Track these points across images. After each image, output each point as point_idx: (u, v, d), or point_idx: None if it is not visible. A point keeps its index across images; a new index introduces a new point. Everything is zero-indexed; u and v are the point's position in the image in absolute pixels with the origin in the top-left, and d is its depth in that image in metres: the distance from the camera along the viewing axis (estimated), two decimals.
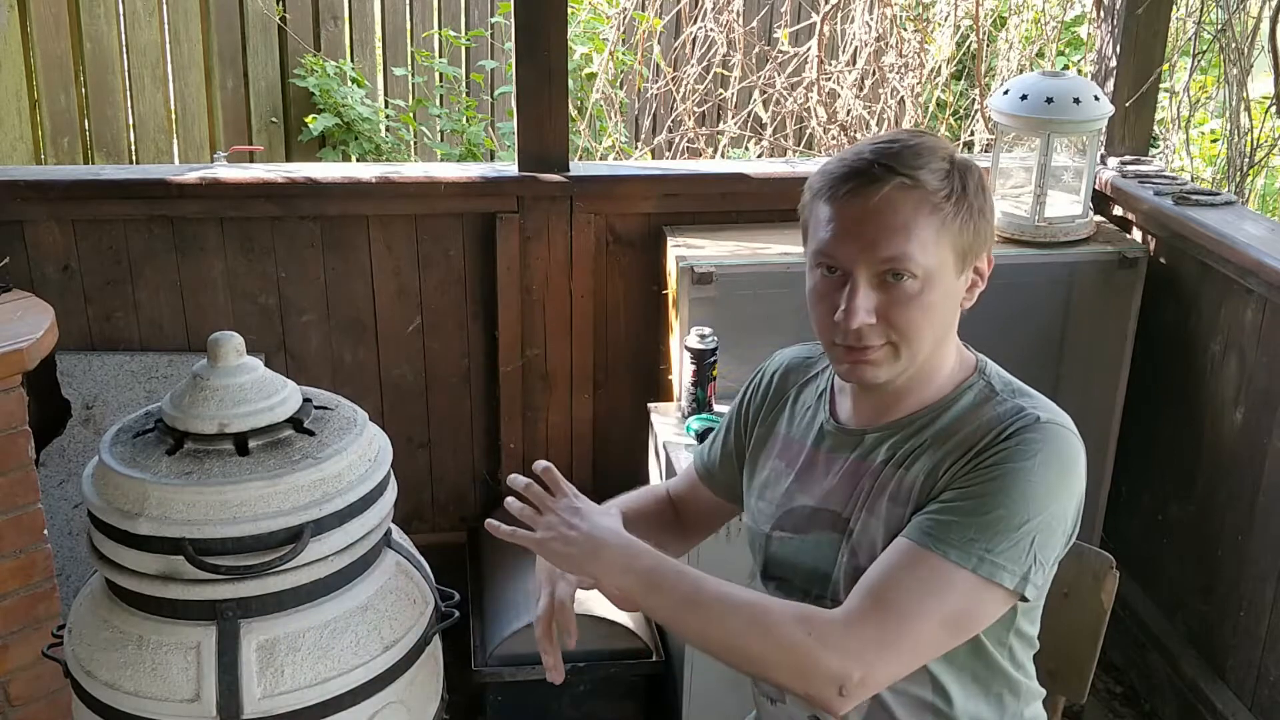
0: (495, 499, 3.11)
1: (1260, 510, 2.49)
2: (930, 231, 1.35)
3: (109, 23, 4.48)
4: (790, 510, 1.53)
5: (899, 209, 1.34)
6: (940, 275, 1.37)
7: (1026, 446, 1.35)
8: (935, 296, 1.37)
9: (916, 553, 1.34)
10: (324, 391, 1.70)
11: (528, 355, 2.98)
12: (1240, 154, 3.77)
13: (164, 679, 1.49)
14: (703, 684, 2.50)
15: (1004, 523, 1.33)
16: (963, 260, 1.39)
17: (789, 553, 1.53)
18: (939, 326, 1.40)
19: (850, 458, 1.49)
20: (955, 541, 1.32)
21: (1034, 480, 1.34)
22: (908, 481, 1.42)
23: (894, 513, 1.41)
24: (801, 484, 1.53)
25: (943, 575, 1.32)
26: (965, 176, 1.38)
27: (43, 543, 2.32)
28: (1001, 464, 1.34)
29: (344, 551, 1.55)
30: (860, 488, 1.46)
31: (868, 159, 1.36)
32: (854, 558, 1.45)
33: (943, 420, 1.43)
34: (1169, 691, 2.78)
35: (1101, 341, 2.89)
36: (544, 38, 2.76)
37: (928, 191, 1.35)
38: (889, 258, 1.35)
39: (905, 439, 1.45)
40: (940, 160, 1.37)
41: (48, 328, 2.29)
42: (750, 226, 2.91)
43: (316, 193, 2.82)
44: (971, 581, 1.32)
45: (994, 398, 1.44)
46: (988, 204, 1.41)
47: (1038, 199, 2.83)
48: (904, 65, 4.15)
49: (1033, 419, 1.38)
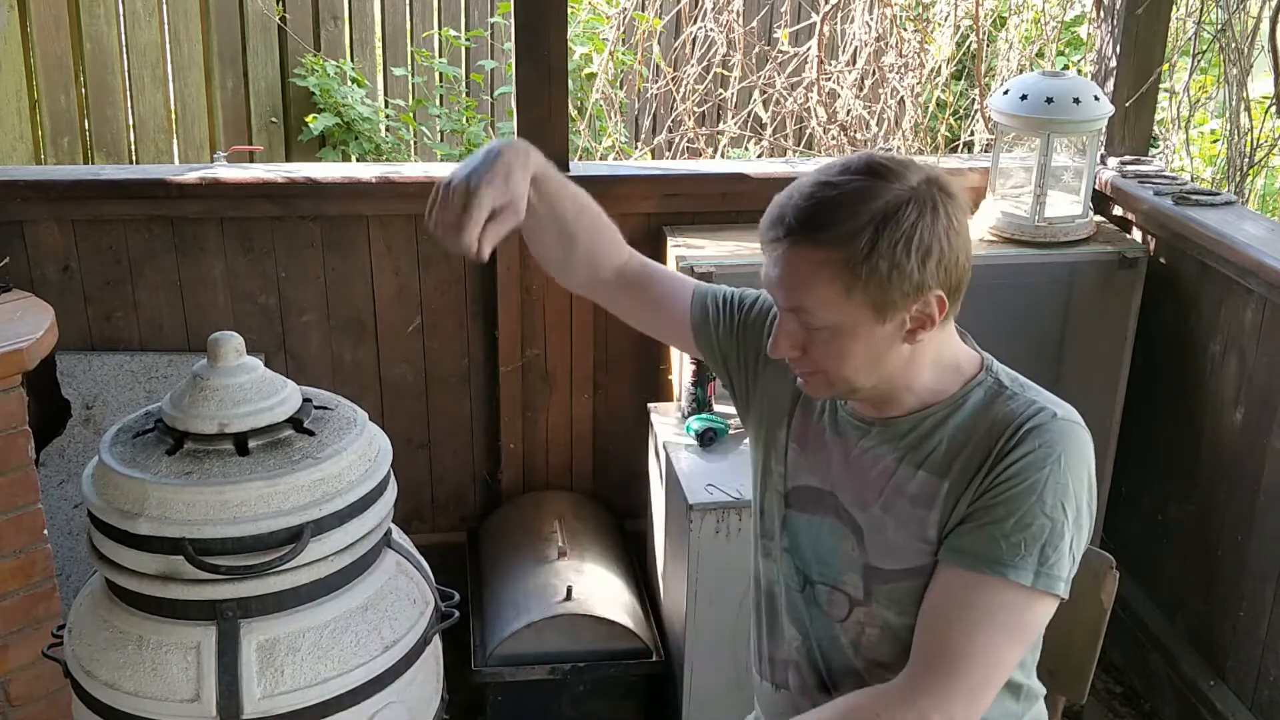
0: (495, 499, 3.11)
1: (1260, 510, 2.49)
2: (832, 290, 1.34)
3: (109, 23, 4.47)
4: (799, 487, 1.55)
5: (798, 268, 1.37)
6: (852, 328, 1.37)
7: (1049, 449, 1.36)
8: (850, 345, 1.38)
9: (972, 578, 1.36)
10: (324, 391, 1.70)
11: (528, 355, 2.98)
12: (1240, 154, 3.77)
13: (164, 679, 1.49)
14: (703, 684, 2.50)
15: (1049, 532, 1.35)
16: (881, 312, 1.35)
17: (799, 529, 1.55)
18: (866, 365, 1.40)
19: (859, 447, 1.49)
20: (1009, 560, 1.34)
21: (1063, 483, 1.36)
22: (929, 484, 1.42)
23: (915, 514, 1.42)
24: (811, 463, 1.54)
25: (1009, 603, 1.35)
26: (883, 230, 1.31)
27: (43, 543, 2.32)
28: (1029, 472, 1.36)
29: (344, 551, 1.55)
30: (869, 482, 1.47)
31: (784, 207, 1.38)
32: (865, 555, 1.46)
33: (956, 419, 1.44)
34: (1169, 691, 2.78)
35: (1101, 341, 2.89)
36: (544, 38, 2.76)
37: (828, 253, 1.33)
38: (791, 310, 1.39)
39: (919, 438, 1.45)
40: (862, 214, 1.32)
41: (48, 328, 2.29)
42: (750, 226, 2.85)
43: (316, 193, 2.82)
44: (1032, 596, 1.35)
45: (1004, 392, 1.44)
46: (914, 255, 1.32)
47: (1038, 199, 2.83)
48: (904, 65, 4.15)
49: (1049, 415, 1.39)
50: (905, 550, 1.43)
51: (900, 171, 1.36)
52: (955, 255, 1.36)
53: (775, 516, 1.58)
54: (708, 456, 2.55)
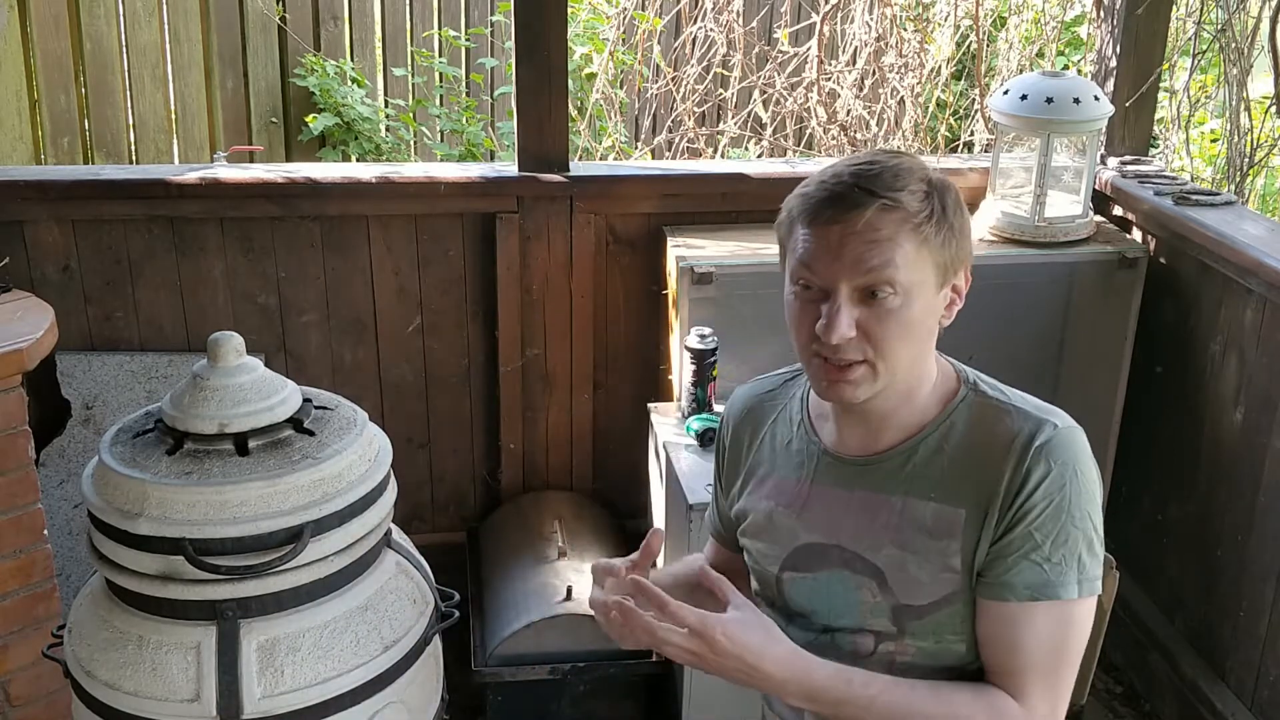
0: (495, 499, 3.11)
1: (1260, 510, 2.49)
2: (911, 249, 1.37)
3: (109, 23, 4.48)
4: (796, 549, 1.52)
5: (881, 228, 1.36)
6: (920, 291, 1.38)
7: (1064, 465, 1.39)
8: (915, 313, 1.38)
9: (1029, 608, 1.39)
10: (324, 391, 1.70)
11: (528, 355, 2.98)
12: (1240, 154, 3.77)
13: (164, 679, 1.49)
14: (702, 684, 2.50)
15: (1081, 541, 1.40)
16: (943, 277, 1.41)
17: (803, 593, 1.52)
18: (916, 343, 1.41)
19: (858, 490, 1.48)
20: (1058, 581, 1.39)
21: (1082, 492, 1.40)
22: (945, 513, 1.42)
23: (936, 546, 1.42)
24: (806, 522, 1.52)
25: (1067, 615, 1.40)
26: (943, 196, 1.40)
27: (43, 543, 2.32)
28: (1052, 493, 1.38)
29: (344, 551, 1.55)
30: (881, 523, 1.45)
31: (848, 182, 1.38)
32: (891, 596, 1.45)
33: (952, 440, 1.44)
34: (1169, 691, 2.78)
35: (1101, 341, 2.89)
36: (544, 38, 2.76)
37: (909, 213, 1.36)
38: (872, 273, 1.36)
39: (919, 468, 1.45)
40: (918, 182, 1.39)
41: (48, 328, 2.29)
42: (750, 226, 2.90)
43: (316, 193, 2.82)
44: (1085, 605, 1.41)
45: (990, 402, 1.45)
46: (965, 222, 1.43)
47: (1038, 199, 2.83)
48: (904, 65, 4.15)
49: (1051, 429, 1.41)
50: (931, 583, 1.43)
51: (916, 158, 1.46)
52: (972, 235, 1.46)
53: (771, 586, 1.56)
54: (708, 456, 2.55)
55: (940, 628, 1.44)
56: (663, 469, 2.64)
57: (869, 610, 1.47)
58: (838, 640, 1.50)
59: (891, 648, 1.47)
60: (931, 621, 1.44)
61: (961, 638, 1.44)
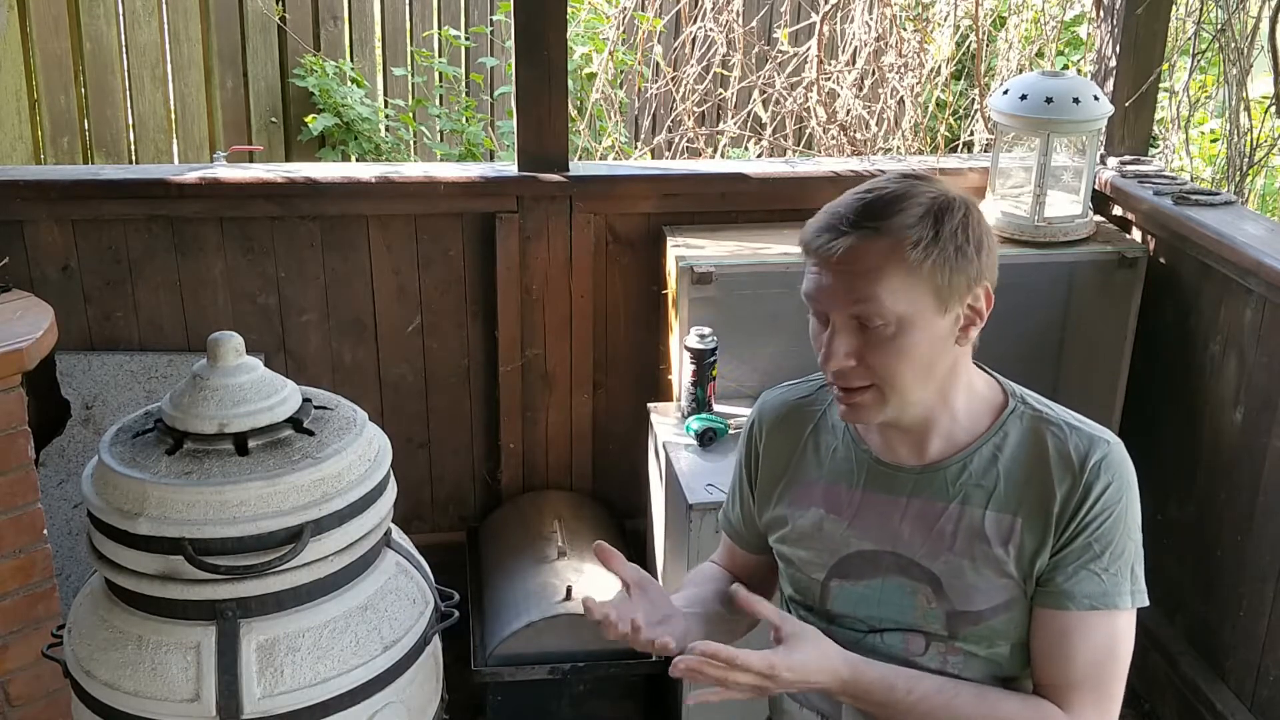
0: (495, 499, 3.11)
1: (1260, 510, 2.49)
2: (899, 278, 1.36)
3: (109, 23, 4.48)
4: (846, 556, 1.52)
5: (864, 258, 1.36)
6: (916, 319, 1.38)
7: (1120, 479, 1.44)
8: (913, 340, 1.38)
9: (1087, 618, 1.43)
10: (324, 391, 1.70)
11: (527, 355, 2.98)
12: (1240, 154, 3.77)
13: (164, 679, 1.49)
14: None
15: (1134, 552, 1.45)
16: (944, 300, 1.39)
17: (852, 600, 1.52)
18: (923, 367, 1.41)
19: (912, 498, 1.48)
20: (1114, 591, 1.43)
21: (1136, 507, 1.46)
22: (1003, 521, 1.44)
23: (994, 554, 1.44)
24: (857, 530, 1.51)
25: (1118, 626, 1.44)
26: (942, 219, 1.38)
27: (43, 543, 2.32)
28: (1111, 506, 1.43)
29: (344, 551, 1.55)
30: (938, 530, 1.46)
31: (840, 212, 1.40)
32: (947, 602, 1.46)
33: (1007, 452, 1.46)
34: (1169, 691, 2.78)
35: (1101, 341, 2.89)
36: (544, 38, 2.76)
37: (895, 241, 1.36)
38: (858, 305, 1.37)
39: (976, 477, 1.46)
40: (916, 205, 1.38)
41: (47, 328, 2.29)
42: (750, 226, 2.91)
43: (316, 193, 2.82)
44: (1132, 617, 1.46)
45: (1041, 416, 1.48)
46: (975, 242, 1.40)
47: (1037, 199, 2.83)
48: (904, 65, 4.15)
49: (1105, 445, 1.46)
50: (988, 590, 1.44)
51: (933, 180, 1.44)
52: (996, 252, 1.46)
53: (813, 592, 1.56)
54: (708, 456, 2.55)
55: (992, 634, 1.46)
56: (662, 469, 2.64)
57: (922, 615, 1.48)
58: (887, 640, 1.51)
59: (943, 649, 1.48)
60: (986, 628, 1.46)
61: (1011, 644, 1.46)
